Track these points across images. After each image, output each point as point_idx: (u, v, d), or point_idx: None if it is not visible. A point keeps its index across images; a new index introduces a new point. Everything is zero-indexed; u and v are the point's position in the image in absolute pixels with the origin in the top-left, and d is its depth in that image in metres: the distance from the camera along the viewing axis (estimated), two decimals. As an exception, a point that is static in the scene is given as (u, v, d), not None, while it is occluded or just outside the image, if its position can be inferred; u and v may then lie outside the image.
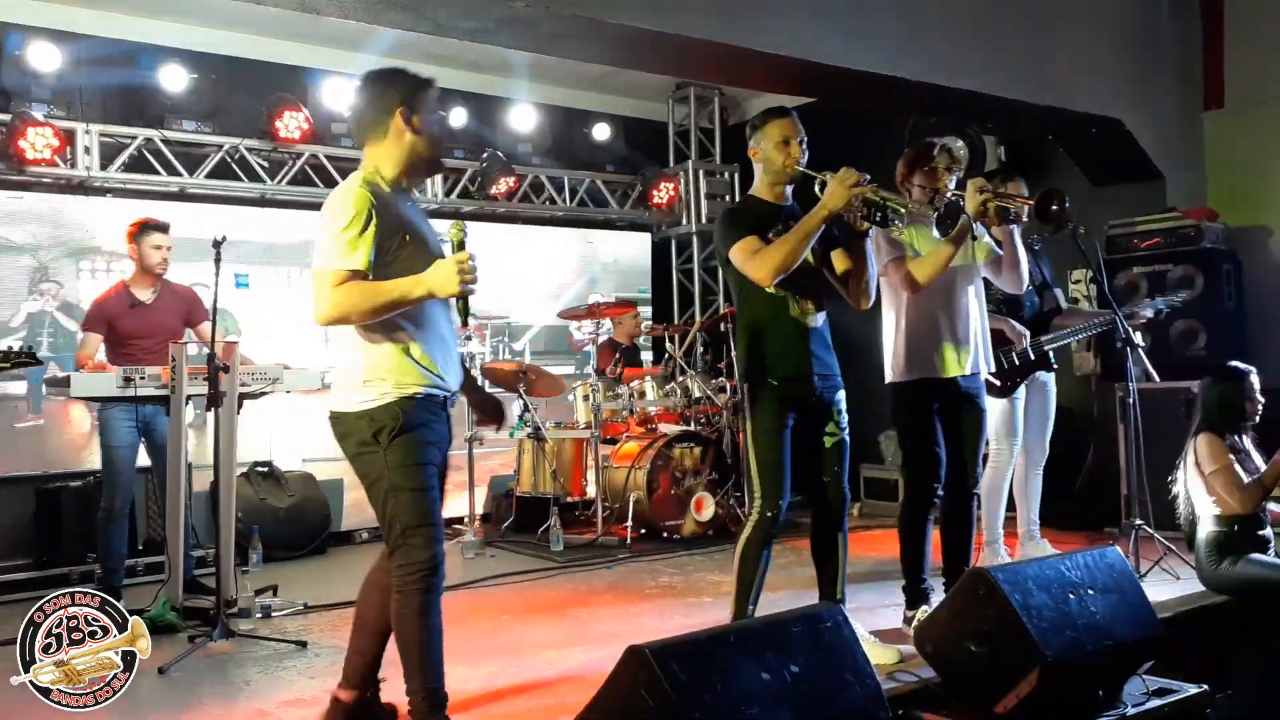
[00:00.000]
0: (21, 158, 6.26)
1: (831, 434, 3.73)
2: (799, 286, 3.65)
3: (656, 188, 8.83)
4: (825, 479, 3.72)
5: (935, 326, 4.11)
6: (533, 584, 5.65)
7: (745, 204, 3.84)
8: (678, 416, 7.08)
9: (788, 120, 3.69)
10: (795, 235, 3.51)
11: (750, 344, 3.70)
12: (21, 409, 6.47)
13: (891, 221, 3.53)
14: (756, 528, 3.65)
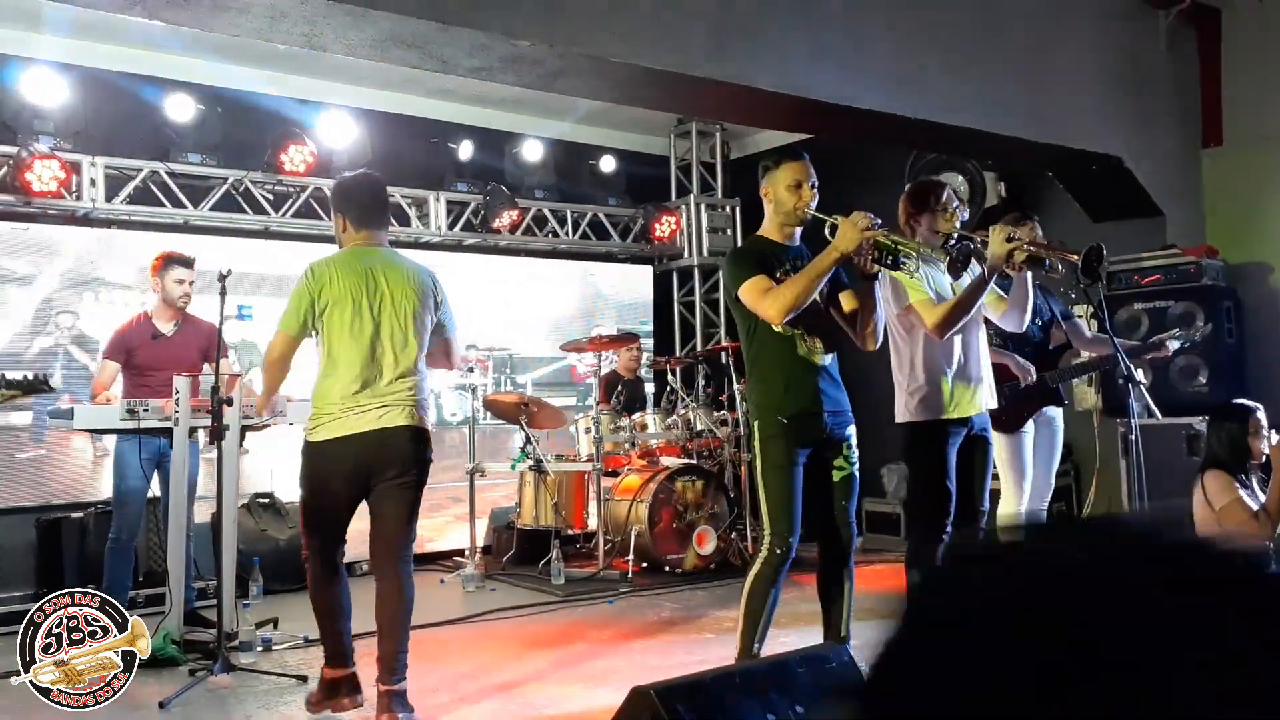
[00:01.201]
0: (28, 190, 6.29)
1: (840, 468, 3.73)
2: (806, 325, 3.67)
3: (658, 221, 8.87)
4: (832, 513, 3.72)
5: (947, 367, 4.12)
6: (534, 618, 5.64)
7: (754, 244, 3.87)
8: (679, 449, 7.08)
9: (800, 164, 3.72)
10: (805, 276, 3.54)
11: (759, 381, 3.73)
12: (24, 439, 6.47)
13: (902, 264, 3.56)
14: (766, 564, 3.64)
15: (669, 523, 6.56)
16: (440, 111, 8.18)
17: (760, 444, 3.67)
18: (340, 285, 3.77)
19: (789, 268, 3.64)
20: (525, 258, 8.59)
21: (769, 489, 3.64)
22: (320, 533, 3.81)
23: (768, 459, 3.65)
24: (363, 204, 3.97)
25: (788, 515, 3.61)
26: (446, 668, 4.55)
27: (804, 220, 3.72)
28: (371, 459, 3.74)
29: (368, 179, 4.14)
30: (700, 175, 9.22)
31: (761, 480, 3.66)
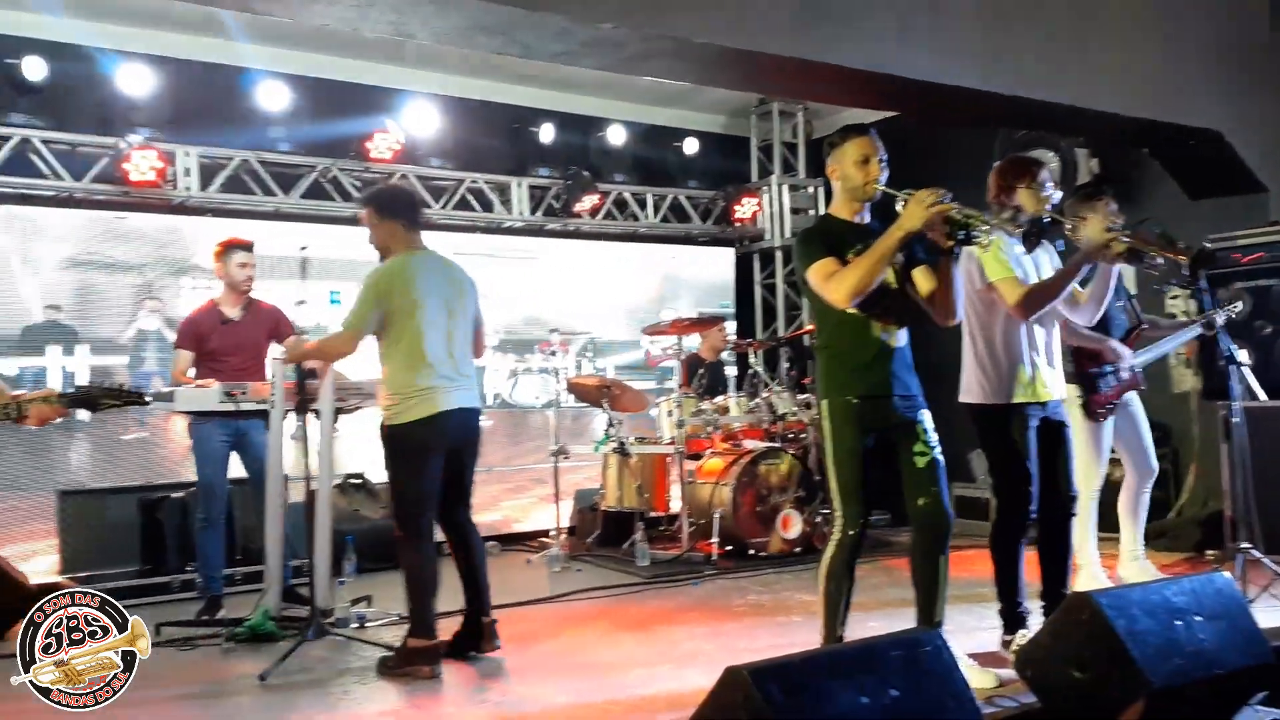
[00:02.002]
0: (126, 179, 6.51)
1: (921, 453, 3.65)
2: (879, 306, 3.61)
3: (739, 203, 8.84)
4: (923, 500, 3.65)
5: (1027, 349, 4.04)
6: (619, 599, 5.68)
7: (823, 224, 3.81)
8: (763, 432, 7.05)
9: (866, 138, 3.64)
10: (870, 257, 3.46)
11: (829, 363, 3.68)
12: (127, 422, 6.70)
13: (975, 239, 3.48)
14: (839, 547, 3.62)
15: (752, 506, 6.53)
16: (522, 97, 8.23)
17: (828, 426, 3.63)
18: (423, 284, 4.28)
19: (860, 247, 3.56)
20: (606, 242, 8.63)
21: (837, 471, 3.60)
22: (422, 504, 4.23)
23: (836, 442, 3.61)
24: (413, 210, 4.53)
25: (857, 498, 3.59)
26: (535, 646, 4.61)
27: (873, 197, 3.64)
28: (457, 433, 4.29)
29: (405, 187, 4.43)
30: (782, 156, 9.16)
31: (831, 463, 3.63)
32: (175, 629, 4.98)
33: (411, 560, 4.20)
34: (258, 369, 5.34)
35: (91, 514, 6.08)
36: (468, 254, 4.48)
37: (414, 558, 4.19)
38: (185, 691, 4.12)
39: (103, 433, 6.61)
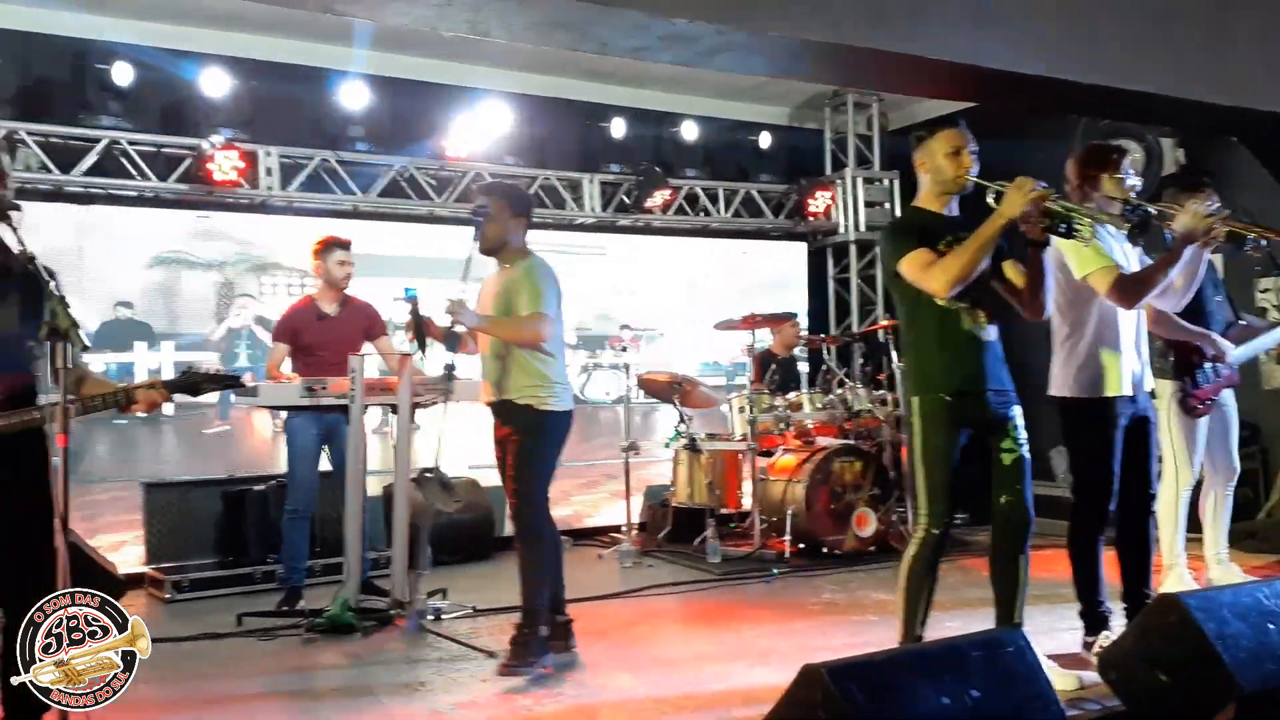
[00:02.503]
0: (210, 179, 6.66)
1: (1009, 450, 3.60)
2: (971, 298, 3.55)
3: (812, 196, 8.77)
4: (1006, 498, 3.59)
5: (1118, 342, 3.95)
6: (692, 595, 5.67)
7: (912, 216, 3.76)
8: (837, 430, 6.98)
9: (957, 130, 3.60)
10: (972, 245, 3.42)
11: (919, 358, 3.63)
12: (210, 416, 6.87)
13: (1076, 232, 3.41)
14: (923, 546, 3.57)
15: (826, 504, 6.48)
16: (594, 93, 8.25)
17: (918, 422, 3.58)
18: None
19: (951, 239, 3.52)
20: (677, 237, 8.62)
21: (926, 469, 3.55)
22: (547, 495, 4.27)
23: (925, 438, 3.56)
24: (532, 214, 4.57)
25: (944, 496, 3.53)
26: (608, 641, 4.63)
27: (965, 189, 3.60)
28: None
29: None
30: (857, 148, 9.06)
31: (919, 461, 3.57)
32: (256, 619, 5.09)
33: (537, 554, 4.19)
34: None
35: (175, 506, 6.25)
36: (539, 249, 4.48)
37: (539, 550, 4.20)
38: (267, 681, 4.21)
39: (187, 426, 6.78)
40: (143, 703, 3.86)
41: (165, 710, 3.81)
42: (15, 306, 3.09)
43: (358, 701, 3.87)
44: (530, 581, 4.17)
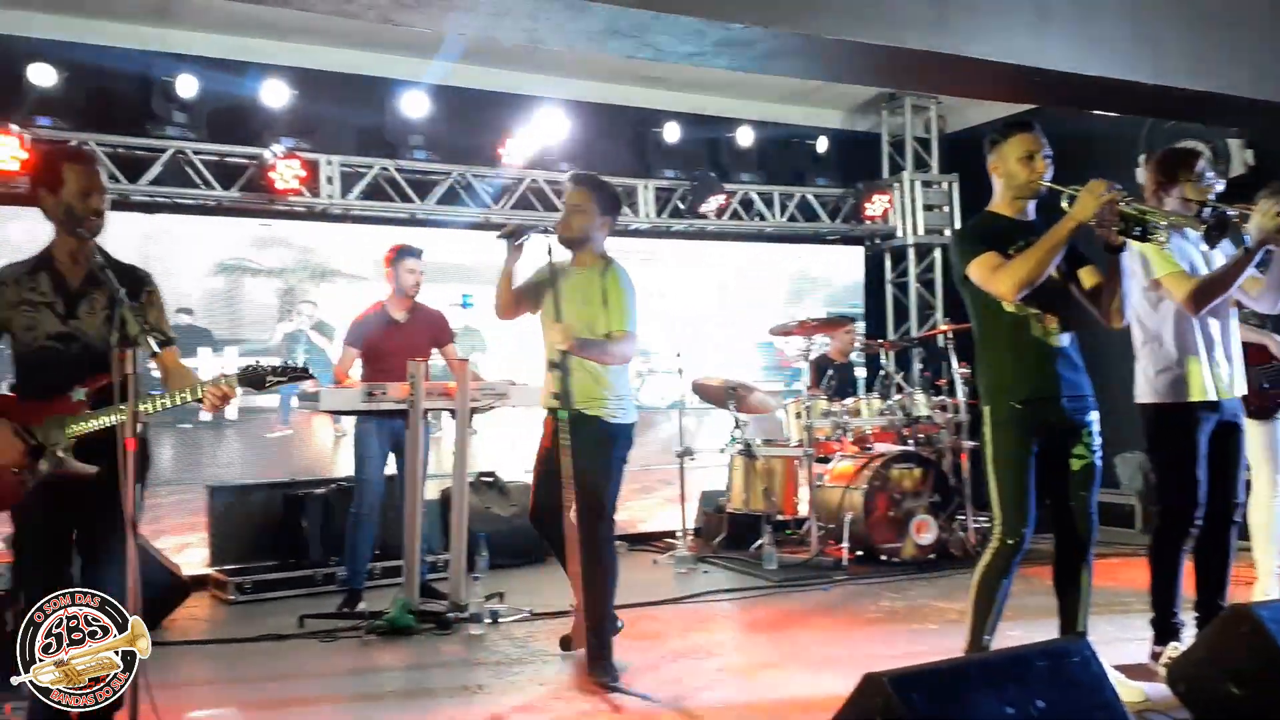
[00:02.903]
0: (271, 188, 6.78)
1: (1080, 456, 3.54)
2: (1043, 304, 3.50)
3: (870, 200, 8.70)
4: (1070, 504, 3.54)
5: (1199, 346, 3.87)
6: (748, 602, 5.65)
7: (984, 220, 3.71)
8: (895, 436, 6.91)
9: (1031, 134, 3.55)
10: (1040, 248, 3.36)
11: (991, 365, 3.58)
12: (272, 420, 6.98)
13: (1151, 236, 3.35)
14: (997, 556, 3.51)
15: (885, 511, 6.41)
16: (648, 99, 8.26)
17: (991, 431, 3.53)
18: None
19: (1023, 243, 3.46)
20: (732, 242, 8.59)
21: (1000, 478, 3.50)
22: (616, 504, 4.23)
23: (999, 447, 3.50)
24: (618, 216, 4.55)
25: (1020, 506, 3.46)
26: (664, 646, 4.62)
27: (1039, 193, 3.55)
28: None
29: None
30: (914, 151, 8.98)
31: (992, 469, 3.52)
32: (317, 621, 5.15)
33: (607, 565, 4.12)
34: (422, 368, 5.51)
35: (238, 509, 6.35)
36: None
37: (609, 562, 4.14)
38: (328, 682, 4.27)
39: (249, 431, 6.89)
40: (206, 702, 3.94)
41: (227, 711, 3.87)
42: (103, 312, 3.20)
43: (418, 703, 3.90)
44: (604, 593, 4.09)
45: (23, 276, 3.19)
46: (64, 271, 3.21)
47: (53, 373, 3.15)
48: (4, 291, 3.16)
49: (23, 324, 3.15)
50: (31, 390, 3.18)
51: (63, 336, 3.17)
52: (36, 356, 3.16)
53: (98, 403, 3.16)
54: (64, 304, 3.18)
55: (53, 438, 3.12)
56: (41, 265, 3.21)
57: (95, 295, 3.21)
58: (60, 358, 3.16)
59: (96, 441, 3.13)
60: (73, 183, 3.16)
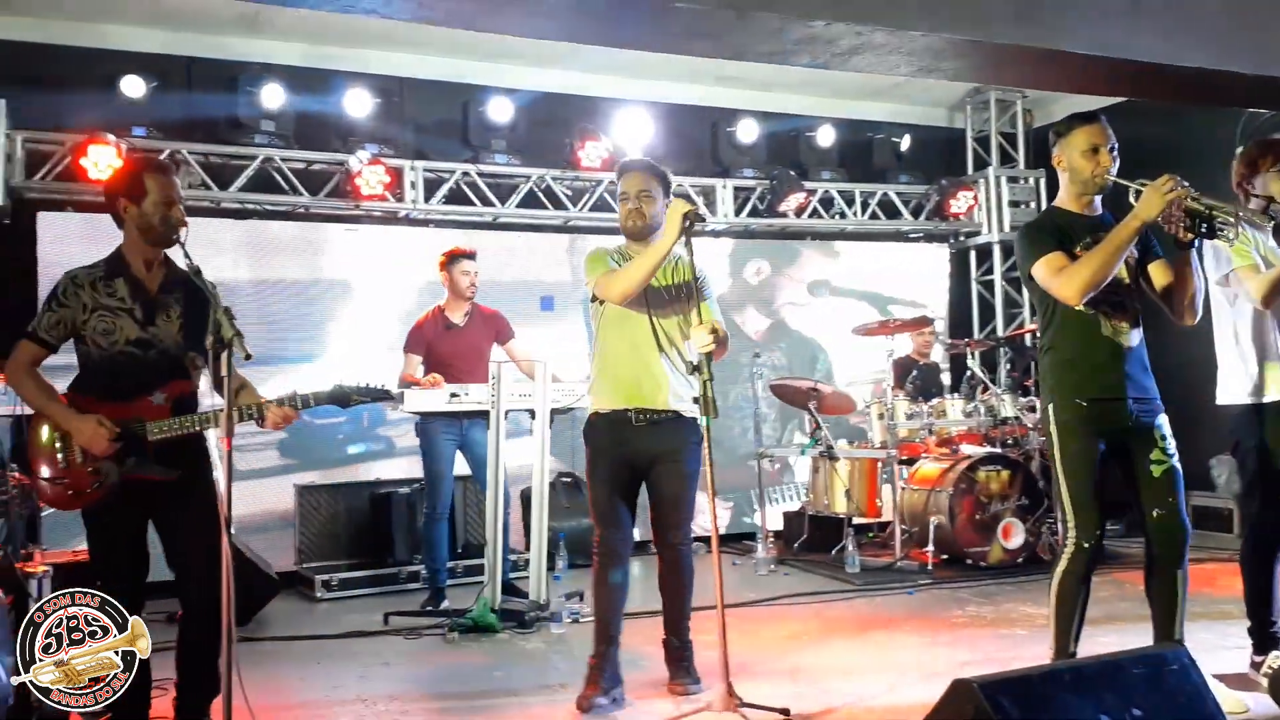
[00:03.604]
0: (357, 194, 6.91)
1: (1159, 461, 3.44)
2: (1111, 303, 3.42)
3: (954, 197, 8.56)
4: (1159, 511, 3.43)
5: (1274, 345, 3.74)
6: (830, 605, 5.59)
7: (1049, 216, 3.63)
8: (981, 437, 6.79)
9: (1096, 126, 3.48)
10: (1104, 250, 3.29)
11: (1055, 365, 3.50)
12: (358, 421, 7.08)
13: (1220, 232, 3.24)
14: (1072, 560, 3.45)
15: (971, 514, 6.28)
16: (726, 99, 8.25)
17: (1056, 430, 3.46)
18: None
19: (1090, 240, 3.39)
20: (813, 240, 8.51)
21: (1068, 480, 3.43)
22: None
23: (1063, 446, 3.44)
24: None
25: (1089, 506, 3.41)
26: (745, 650, 4.57)
27: (1104, 188, 3.47)
28: None
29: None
30: (1000, 147, 8.81)
31: (1061, 470, 3.46)
32: (402, 618, 5.23)
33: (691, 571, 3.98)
34: (480, 371, 5.56)
35: (326, 508, 6.49)
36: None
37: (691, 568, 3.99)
38: (413, 679, 4.33)
39: (337, 431, 7.00)
40: (294, 698, 4.02)
41: (316, 706, 3.94)
42: (179, 319, 3.29)
43: (502, 700, 3.94)
44: (690, 599, 3.97)
45: (98, 281, 3.26)
46: (141, 278, 3.28)
47: (130, 378, 3.23)
48: (80, 294, 3.23)
49: (100, 328, 3.22)
50: (107, 394, 3.24)
51: (141, 342, 3.24)
52: (114, 361, 3.23)
53: (176, 408, 3.24)
54: (142, 311, 3.25)
55: (133, 441, 3.19)
56: (117, 271, 3.28)
57: (171, 303, 3.29)
58: (139, 363, 3.23)
59: (171, 445, 3.21)
60: (155, 193, 3.24)
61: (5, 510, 3.87)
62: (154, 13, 6.50)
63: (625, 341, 3.89)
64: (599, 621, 3.93)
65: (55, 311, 3.23)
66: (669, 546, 3.94)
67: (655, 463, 3.88)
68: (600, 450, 3.94)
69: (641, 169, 4.05)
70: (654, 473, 3.90)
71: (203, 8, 6.49)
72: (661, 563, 3.97)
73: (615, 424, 3.88)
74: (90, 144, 6.11)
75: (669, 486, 3.89)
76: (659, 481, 3.90)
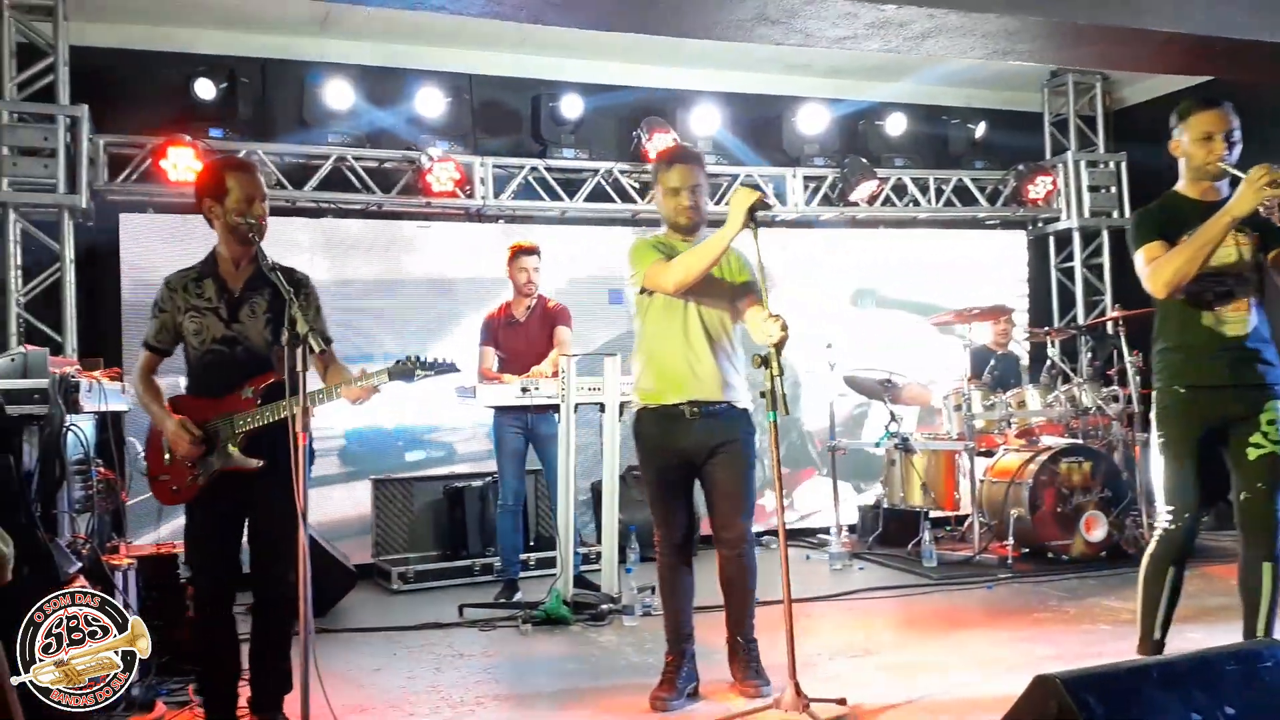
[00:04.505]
0: (428, 191, 6.97)
1: (1257, 445, 3.36)
2: (1217, 292, 3.37)
3: (1031, 182, 8.36)
4: (1246, 495, 3.37)
5: None
6: (907, 600, 5.49)
7: (1163, 203, 3.54)
8: (1063, 428, 6.62)
9: (1213, 113, 3.39)
10: (1192, 245, 3.25)
11: (1159, 351, 3.53)
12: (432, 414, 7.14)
13: None
14: (1160, 544, 3.47)
15: (1052, 507, 6.13)
16: (793, 87, 8.14)
17: (1157, 416, 3.50)
18: None
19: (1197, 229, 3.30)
20: (885, 229, 8.38)
21: (1165, 464, 3.46)
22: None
23: (1163, 432, 3.47)
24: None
25: (1183, 492, 3.41)
26: (820, 643, 4.53)
27: (1217, 176, 3.40)
28: None
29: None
30: (1078, 130, 8.57)
31: (1159, 455, 3.50)
32: (476, 610, 5.27)
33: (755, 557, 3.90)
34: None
35: (401, 500, 6.57)
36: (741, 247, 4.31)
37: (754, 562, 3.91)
38: (488, 670, 4.34)
39: (411, 423, 7.07)
40: (371, 689, 4.07)
41: (392, 697, 3.99)
42: (265, 315, 3.38)
43: (575, 692, 3.94)
44: (752, 597, 3.88)
45: (190, 283, 3.39)
46: (227, 277, 3.39)
47: (219, 374, 3.35)
48: (174, 297, 3.37)
49: (192, 329, 3.36)
50: (202, 391, 3.40)
51: (227, 340, 3.35)
52: (204, 359, 3.36)
53: (265, 400, 3.32)
54: (227, 309, 3.36)
55: (222, 433, 3.32)
56: (206, 272, 3.40)
57: (255, 300, 3.38)
58: (226, 360, 3.35)
59: (263, 438, 3.29)
60: (237, 190, 3.32)
61: (92, 504, 3.97)
62: (227, 16, 6.62)
63: (674, 333, 3.78)
64: (669, 622, 3.90)
65: (157, 318, 3.41)
66: (727, 543, 3.83)
67: (710, 456, 3.78)
68: (651, 447, 3.85)
69: (690, 160, 3.92)
70: (709, 466, 3.79)
71: (274, 9, 6.60)
72: (721, 559, 3.86)
73: (666, 419, 3.78)
74: (169, 146, 6.26)
75: (725, 480, 3.79)
76: (714, 475, 3.79)
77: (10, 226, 6.04)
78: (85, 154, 6.18)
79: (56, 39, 6.13)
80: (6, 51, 6.05)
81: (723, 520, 3.84)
